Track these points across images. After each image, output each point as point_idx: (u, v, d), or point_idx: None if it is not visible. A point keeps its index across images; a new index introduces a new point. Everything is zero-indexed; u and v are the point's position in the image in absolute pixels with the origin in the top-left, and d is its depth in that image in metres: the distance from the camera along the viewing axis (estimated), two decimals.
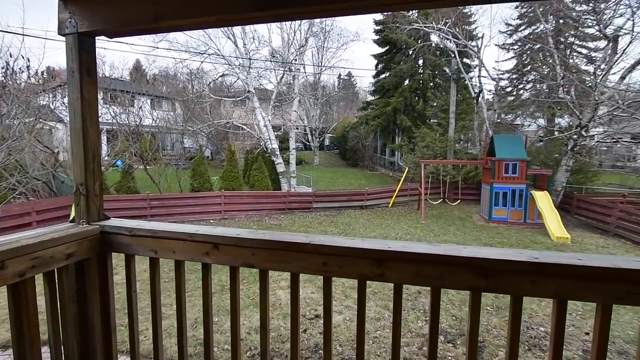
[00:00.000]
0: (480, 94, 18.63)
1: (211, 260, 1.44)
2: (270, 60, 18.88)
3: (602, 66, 13.82)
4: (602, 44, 15.81)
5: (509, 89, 24.36)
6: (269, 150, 16.79)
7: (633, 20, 10.80)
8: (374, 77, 28.01)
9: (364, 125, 26.78)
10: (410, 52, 22.96)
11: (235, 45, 16.56)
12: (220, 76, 20.16)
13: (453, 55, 18.57)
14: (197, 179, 14.66)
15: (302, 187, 18.40)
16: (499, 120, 20.36)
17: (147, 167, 14.43)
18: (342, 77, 44.55)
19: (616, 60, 12.89)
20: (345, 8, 1.28)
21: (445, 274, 1.22)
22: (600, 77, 12.84)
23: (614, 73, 13.32)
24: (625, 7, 11.85)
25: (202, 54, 16.44)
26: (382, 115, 24.11)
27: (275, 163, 16.78)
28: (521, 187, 12.73)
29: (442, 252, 1.23)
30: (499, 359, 4.32)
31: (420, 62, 23.82)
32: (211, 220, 12.57)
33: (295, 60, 18.45)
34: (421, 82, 23.86)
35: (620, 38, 13.05)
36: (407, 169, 18.01)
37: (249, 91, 16.88)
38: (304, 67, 26.06)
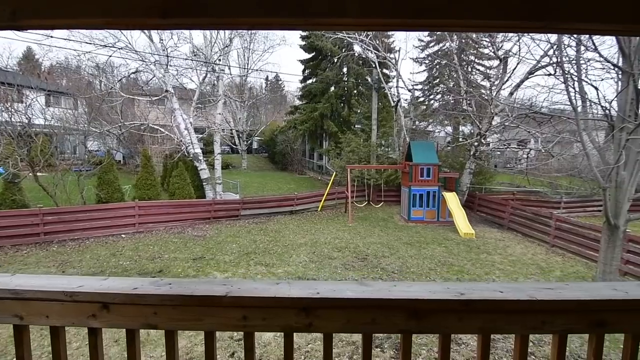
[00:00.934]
0: (398, 103, 20.07)
1: (100, 323, 1.15)
2: (192, 59, 17.69)
3: (496, 83, 16.02)
4: (495, 63, 18.36)
5: (422, 99, 26.85)
6: (192, 155, 15.67)
7: (519, 45, 12.73)
8: (301, 82, 28.29)
9: (293, 130, 26.83)
10: (335, 60, 23.73)
11: (150, 39, 15.11)
12: (133, 72, 18.22)
13: (374, 66, 19.68)
14: (104, 188, 12.90)
15: (229, 194, 17.60)
16: (414, 127, 22.22)
17: (40, 175, 12.23)
18: (269, 80, 44.13)
19: (506, 79, 15.02)
20: (262, 24, 1.13)
21: (378, 318, 1.14)
22: (495, 92, 14.83)
23: (505, 89, 15.54)
24: (512, 33, 13.89)
25: (109, 47, 14.60)
26: (310, 120, 24.43)
27: (199, 169, 15.72)
28: (434, 189, 14.00)
29: (373, 295, 1.15)
30: None
31: (345, 70, 24.77)
32: (123, 235, 11.20)
33: (220, 60, 17.60)
34: (346, 89, 24.82)
35: (509, 59, 15.27)
36: (334, 173, 18.50)
37: (167, 90, 15.54)
38: (229, 68, 25.06)
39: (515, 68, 14.67)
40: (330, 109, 23.89)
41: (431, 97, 27.69)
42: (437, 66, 25.91)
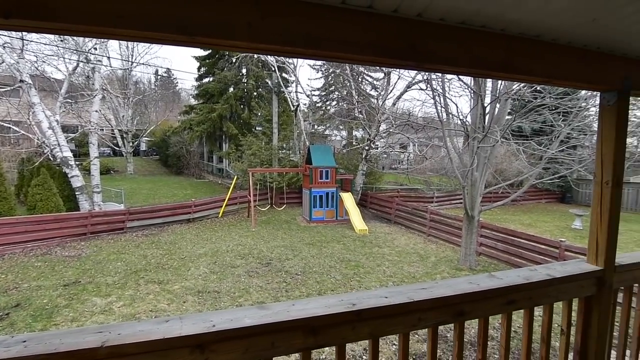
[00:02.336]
0: (298, 107, 20.64)
1: None
2: (57, 46, 14.82)
3: (382, 93, 17.92)
4: (381, 75, 20.54)
5: (319, 104, 28.19)
6: (59, 160, 13.12)
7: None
8: (197, 80, 26.55)
9: (188, 131, 24.95)
10: (234, 60, 23.01)
11: None
12: None
13: (273, 69, 19.81)
14: None
15: (112, 204, 15.33)
16: (313, 131, 23.18)
17: None
18: (160, 75, 40.09)
19: (390, 91, 16.93)
20: (139, 37, 1.02)
21: (277, 342, 1.15)
22: (381, 102, 16.55)
23: (389, 99, 17.52)
24: (392, 68, 15.82)
25: None
26: (208, 121, 23.12)
27: (69, 176, 13.26)
28: (332, 190, 14.85)
29: (272, 319, 1.15)
30: None
31: (244, 71, 24.24)
32: None
33: (95, 49, 15.20)
34: (246, 91, 24.29)
35: (392, 74, 17.27)
36: (235, 176, 17.92)
37: (22, 80, 12.66)
38: (108, 59, 21.86)
39: (396, 82, 16.64)
40: (229, 110, 23.05)
41: (328, 102, 29.30)
42: (332, 74, 27.57)
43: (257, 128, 23.76)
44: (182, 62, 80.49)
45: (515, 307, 1.55)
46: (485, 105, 7.36)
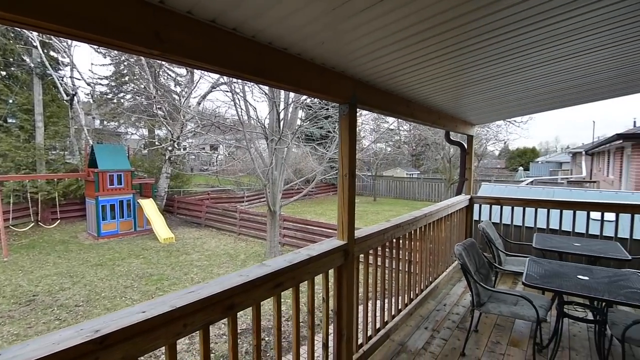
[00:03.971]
0: (75, 97, 16.59)
1: None
2: None
3: (186, 89, 16.86)
4: (184, 71, 19.26)
5: (110, 96, 23.64)
6: None
7: None
8: None
9: None
10: None
11: None
12: None
13: (34, 45, 15.09)
14: None
15: None
16: (101, 128, 19.22)
17: None
18: None
19: (194, 88, 16.16)
20: None
21: None
22: (184, 99, 15.56)
23: (195, 98, 16.70)
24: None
25: None
26: None
27: None
28: (128, 197, 12.81)
29: None
30: None
31: None
32: None
33: None
34: None
35: (195, 71, 16.49)
36: None
37: None
38: None
39: (198, 81, 16.06)
40: None
41: (121, 95, 24.97)
42: (126, 63, 23.67)
43: (8, 120, 17.45)
44: None
45: (283, 288, 1.74)
46: (279, 111, 8.14)
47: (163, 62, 22.17)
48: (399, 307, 3.20)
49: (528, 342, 2.85)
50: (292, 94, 8.65)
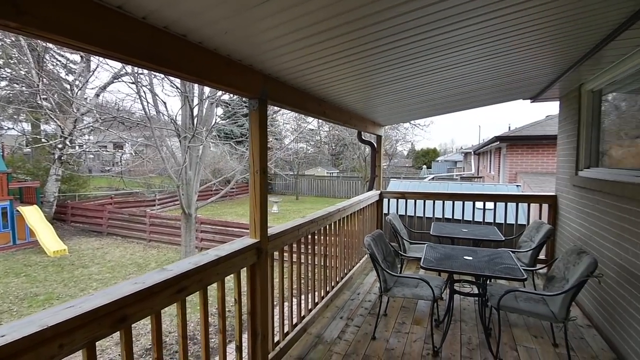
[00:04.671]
0: None
1: None
2: None
3: (80, 79, 14.66)
4: (78, 57, 16.70)
5: None
6: None
7: None
8: None
9: None
10: None
11: None
12: None
13: None
14: None
15: None
16: None
17: None
18: None
19: (90, 77, 14.15)
20: None
21: None
22: (78, 90, 13.54)
23: (93, 89, 14.60)
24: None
25: None
26: None
27: None
28: (4, 204, 10.66)
29: None
30: None
31: None
32: None
33: None
34: None
35: (92, 57, 14.42)
36: None
37: None
38: None
39: (96, 69, 14.18)
40: None
41: None
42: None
43: None
44: None
45: (188, 292, 1.63)
46: (193, 106, 7.65)
47: (49, 45, 18.97)
48: (316, 301, 3.28)
49: (428, 320, 3.18)
50: (207, 89, 8.20)
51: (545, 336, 2.93)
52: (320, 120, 26.96)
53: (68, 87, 15.06)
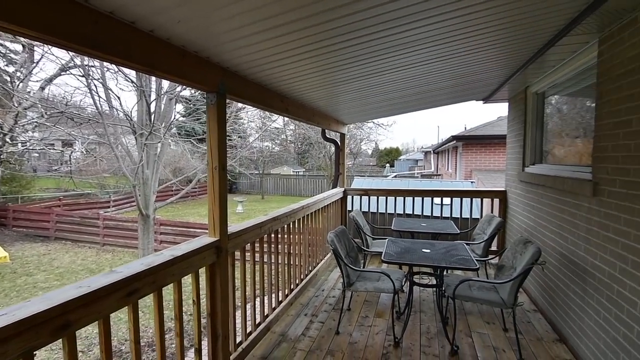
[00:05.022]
0: None
1: None
2: None
3: (22, 70, 13.41)
4: (20, 47, 15.25)
5: None
6: None
7: None
8: None
9: None
10: None
11: None
12: None
13: None
14: None
15: None
16: None
17: None
18: None
19: (34, 69, 12.99)
20: None
21: None
22: (19, 82, 12.40)
23: (38, 81, 13.39)
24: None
25: None
26: None
27: None
28: None
29: None
30: None
31: None
32: None
33: None
34: None
35: (36, 48, 13.25)
36: None
37: None
38: None
39: (40, 59, 13.05)
40: None
41: None
42: None
43: None
44: None
45: (139, 295, 1.54)
46: (150, 102, 7.28)
47: None
48: (280, 299, 3.26)
49: (390, 312, 3.27)
50: (165, 84, 7.84)
51: (496, 322, 3.12)
52: (286, 119, 26.80)
53: (8, 79, 13.72)
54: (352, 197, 5.50)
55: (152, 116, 7.46)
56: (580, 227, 2.52)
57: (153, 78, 7.87)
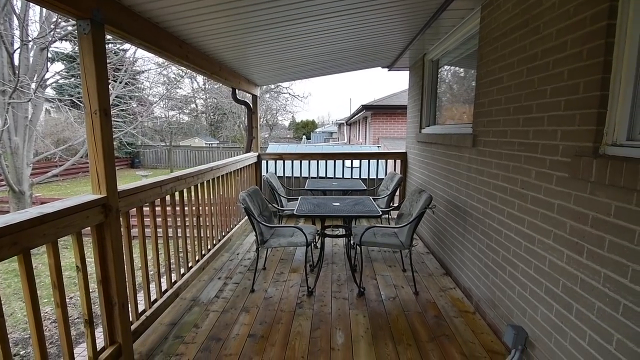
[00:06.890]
0: None
1: None
2: None
3: None
4: None
5: None
6: None
7: None
8: None
9: None
10: None
11: None
12: None
13: None
14: None
15: None
16: None
17: None
18: None
19: None
20: None
21: None
22: None
23: None
24: None
25: None
26: None
27: None
28: None
29: None
30: None
31: None
32: None
33: None
34: None
35: None
36: None
37: None
38: None
39: None
40: None
41: None
42: None
43: None
44: None
45: None
46: (12, 51, 5.87)
47: None
48: (190, 264, 3.08)
49: (304, 267, 3.39)
50: (34, 31, 6.36)
51: (397, 265, 3.49)
52: (194, 85, 24.62)
53: None
54: (267, 162, 5.41)
55: (18, 70, 6.03)
56: (463, 175, 2.91)
57: (15, 22, 6.31)
